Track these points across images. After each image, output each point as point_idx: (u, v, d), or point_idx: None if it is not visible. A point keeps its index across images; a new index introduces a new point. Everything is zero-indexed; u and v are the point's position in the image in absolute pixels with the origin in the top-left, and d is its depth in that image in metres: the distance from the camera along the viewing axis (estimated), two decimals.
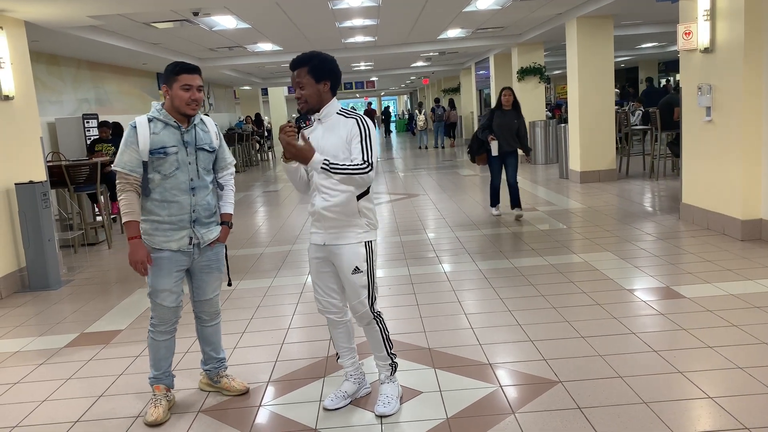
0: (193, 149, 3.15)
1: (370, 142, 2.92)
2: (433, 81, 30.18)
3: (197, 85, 3.12)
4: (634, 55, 21.87)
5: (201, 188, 3.18)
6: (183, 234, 3.14)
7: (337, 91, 3.04)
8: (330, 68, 2.97)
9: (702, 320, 4.04)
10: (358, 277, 3.00)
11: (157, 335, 3.24)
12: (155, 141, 3.07)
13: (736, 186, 6.06)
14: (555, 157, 13.50)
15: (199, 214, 3.17)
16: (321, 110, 2.98)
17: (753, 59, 5.78)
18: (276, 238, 7.83)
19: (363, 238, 2.99)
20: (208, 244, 3.23)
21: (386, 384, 3.18)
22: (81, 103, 10.90)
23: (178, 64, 3.12)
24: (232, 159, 3.40)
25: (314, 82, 2.93)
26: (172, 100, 3.11)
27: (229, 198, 3.36)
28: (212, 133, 3.27)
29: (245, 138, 18.49)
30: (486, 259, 5.96)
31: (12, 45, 6.28)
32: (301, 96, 2.96)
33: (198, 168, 3.16)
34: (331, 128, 2.96)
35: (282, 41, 12.23)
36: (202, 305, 3.35)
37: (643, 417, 2.88)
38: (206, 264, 3.27)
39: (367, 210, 3.01)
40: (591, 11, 9.79)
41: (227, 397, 3.41)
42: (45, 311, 5.34)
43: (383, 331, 3.13)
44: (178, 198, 3.11)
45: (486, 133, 7.64)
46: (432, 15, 10.27)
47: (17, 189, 6.00)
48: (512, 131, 7.65)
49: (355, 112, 3.02)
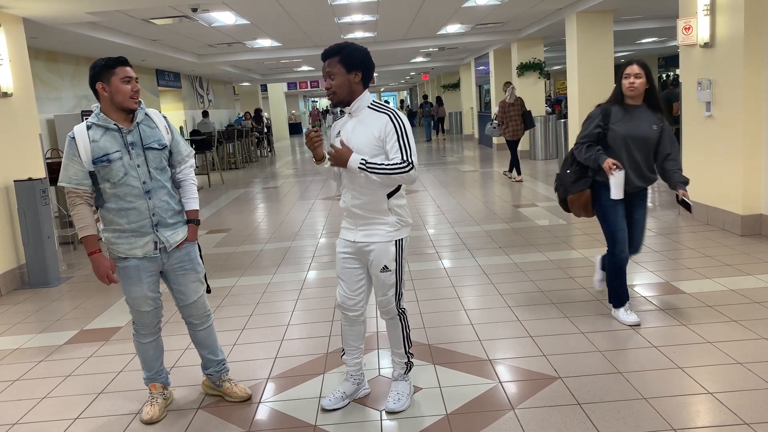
0: (140, 150, 2.95)
1: (407, 139, 2.84)
2: (432, 77, 30.14)
3: (134, 76, 2.95)
4: (634, 51, 21.83)
5: (157, 189, 2.99)
6: (147, 240, 3.00)
7: (369, 84, 2.95)
8: (362, 59, 2.87)
9: (701, 316, 4.04)
10: (386, 275, 2.96)
11: (142, 338, 3.19)
12: (96, 149, 2.89)
13: (736, 181, 6.05)
14: (555, 153, 13.48)
15: (160, 216, 3.00)
16: (352, 104, 2.90)
17: (753, 54, 5.77)
18: (276, 234, 7.83)
19: (393, 237, 2.93)
20: (177, 245, 3.08)
21: (399, 381, 3.17)
22: (80, 100, 10.88)
23: (110, 58, 2.92)
24: (189, 151, 3.17)
25: (345, 71, 2.84)
26: (112, 97, 2.90)
27: (191, 193, 3.16)
28: (161, 128, 3.06)
29: (245, 134, 18.46)
30: (486, 255, 5.96)
31: (10, 42, 6.26)
32: (330, 86, 2.87)
33: (149, 169, 2.96)
34: (362, 122, 2.88)
35: (281, 37, 12.20)
36: (188, 310, 3.21)
37: (642, 412, 2.89)
38: (179, 266, 3.11)
39: (398, 207, 2.95)
40: (591, 6, 9.77)
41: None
42: (44, 308, 5.34)
43: (405, 328, 3.11)
44: (134, 204, 2.95)
45: (598, 154, 3.82)
46: (431, 10, 10.25)
47: (16, 186, 5.99)
48: (649, 149, 3.87)
49: (387, 107, 2.92)
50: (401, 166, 2.78)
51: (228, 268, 6.18)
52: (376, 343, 3.96)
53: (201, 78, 18.82)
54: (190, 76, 17.75)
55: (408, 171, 2.79)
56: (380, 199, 2.89)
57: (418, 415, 3.02)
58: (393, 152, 2.81)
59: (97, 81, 2.93)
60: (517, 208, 8.31)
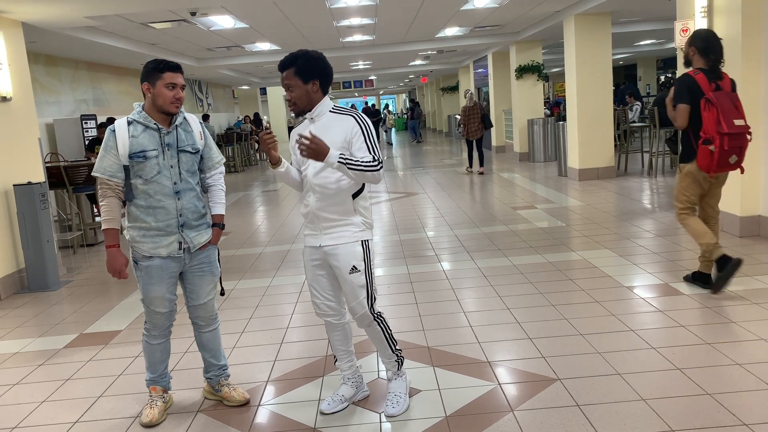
0: (174, 152, 3.04)
1: (372, 139, 2.87)
2: (431, 79, 30.15)
3: (181, 83, 3.02)
4: (633, 53, 21.87)
5: (186, 191, 3.07)
6: (172, 239, 3.05)
7: (328, 89, 2.95)
8: (318, 67, 2.88)
9: (700, 317, 4.05)
10: (356, 276, 2.94)
11: (152, 339, 3.22)
12: (134, 144, 2.97)
13: (735, 182, 6.06)
14: (554, 155, 13.51)
15: (186, 217, 3.07)
16: (313, 110, 2.91)
17: (751, 55, 5.78)
18: (275, 237, 7.83)
19: (359, 237, 2.94)
20: (200, 247, 3.14)
21: (394, 381, 3.16)
22: (79, 104, 10.90)
23: (162, 62, 3.01)
24: (220, 158, 3.27)
25: (302, 83, 2.85)
26: (154, 99, 2.99)
27: (219, 198, 3.24)
28: (196, 133, 3.14)
29: (244, 138, 18.47)
30: (485, 258, 5.97)
31: (9, 46, 6.27)
32: (290, 98, 2.89)
33: (181, 171, 3.05)
34: (326, 127, 2.88)
35: (280, 41, 12.22)
36: (196, 310, 3.25)
37: (641, 414, 2.89)
38: (198, 267, 3.17)
39: (362, 209, 2.97)
40: (589, 8, 9.79)
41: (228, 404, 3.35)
42: (44, 312, 5.34)
43: (385, 330, 3.08)
44: (163, 203, 3.02)
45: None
46: (430, 13, 10.27)
47: (16, 190, 6.00)
48: None
49: (349, 109, 2.93)
50: (374, 164, 2.81)
51: (227, 271, 6.19)
52: (373, 346, 3.95)
53: (200, 81, 18.84)
54: (190, 80, 17.77)
55: (379, 169, 2.82)
56: (346, 200, 2.90)
57: (418, 418, 3.03)
58: (361, 152, 2.83)
59: (144, 81, 3.03)
60: (515, 210, 8.32)
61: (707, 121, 4.23)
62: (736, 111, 4.22)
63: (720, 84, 4.30)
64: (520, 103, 14.61)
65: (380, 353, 3.16)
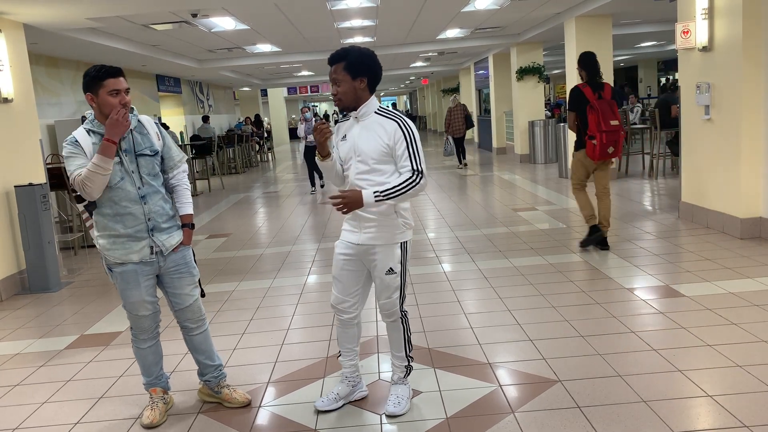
0: (132, 157, 2.97)
1: (416, 147, 2.83)
2: (432, 81, 30.18)
3: (125, 88, 2.92)
4: (633, 54, 21.87)
5: (151, 194, 3.02)
6: (143, 244, 3.01)
7: (375, 88, 2.93)
8: (368, 64, 2.85)
9: (701, 318, 4.04)
10: (391, 278, 2.95)
11: (141, 343, 3.20)
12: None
13: (736, 184, 6.06)
14: (554, 157, 13.50)
15: (155, 221, 3.03)
16: (358, 109, 2.88)
17: (752, 57, 5.78)
18: (276, 239, 7.83)
19: (399, 239, 2.94)
20: (172, 249, 3.09)
21: (398, 385, 3.16)
22: (80, 105, 10.90)
23: (102, 68, 2.89)
24: (181, 156, 3.18)
25: (350, 78, 2.82)
26: (100, 109, 2.91)
27: (185, 198, 3.18)
28: (152, 135, 3.07)
29: (245, 139, 18.49)
30: (485, 259, 5.96)
31: (11, 47, 6.28)
32: (336, 93, 2.86)
33: (142, 175, 2.99)
34: (369, 128, 2.86)
35: (281, 42, 12.23)
36: (183, 314, 3.20)
37: (642, 416, 2.89)
38: (175, 269, 3.12)
39: (403, 210, 2.95)
40: (589, 10, 9.79)
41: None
42: (45, 313, 5.35)
43: (406, 331, 3.11)
44: (129, 209, 2.97)
45: None
46: (431, 15, 10.27)
47: (17, 191, 6.00)
48: None
49: (395, 113, 2.90)
50: (413, 179, 2.79)
51: (228, 273, 6.19)
52: (376, 347, 3.96)
53: (201, 83, 18.86)
54: (191, 81, 17.79)
55: (420, 181, 2.80)
56: None
57: (418, 419, 3.03)
58: (403, 159, 2.81)
59: (86, 91, 2.94)
60: (516, 212, 8.32)
61: (591, 122, 5.62)
62: (612, 114, 5.59)
63: (602, 93, 5.69)
64: (521, 105, 14.61)
65: (394, 352, 3.16)
